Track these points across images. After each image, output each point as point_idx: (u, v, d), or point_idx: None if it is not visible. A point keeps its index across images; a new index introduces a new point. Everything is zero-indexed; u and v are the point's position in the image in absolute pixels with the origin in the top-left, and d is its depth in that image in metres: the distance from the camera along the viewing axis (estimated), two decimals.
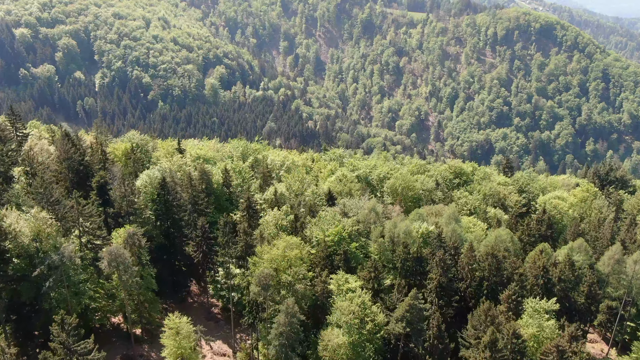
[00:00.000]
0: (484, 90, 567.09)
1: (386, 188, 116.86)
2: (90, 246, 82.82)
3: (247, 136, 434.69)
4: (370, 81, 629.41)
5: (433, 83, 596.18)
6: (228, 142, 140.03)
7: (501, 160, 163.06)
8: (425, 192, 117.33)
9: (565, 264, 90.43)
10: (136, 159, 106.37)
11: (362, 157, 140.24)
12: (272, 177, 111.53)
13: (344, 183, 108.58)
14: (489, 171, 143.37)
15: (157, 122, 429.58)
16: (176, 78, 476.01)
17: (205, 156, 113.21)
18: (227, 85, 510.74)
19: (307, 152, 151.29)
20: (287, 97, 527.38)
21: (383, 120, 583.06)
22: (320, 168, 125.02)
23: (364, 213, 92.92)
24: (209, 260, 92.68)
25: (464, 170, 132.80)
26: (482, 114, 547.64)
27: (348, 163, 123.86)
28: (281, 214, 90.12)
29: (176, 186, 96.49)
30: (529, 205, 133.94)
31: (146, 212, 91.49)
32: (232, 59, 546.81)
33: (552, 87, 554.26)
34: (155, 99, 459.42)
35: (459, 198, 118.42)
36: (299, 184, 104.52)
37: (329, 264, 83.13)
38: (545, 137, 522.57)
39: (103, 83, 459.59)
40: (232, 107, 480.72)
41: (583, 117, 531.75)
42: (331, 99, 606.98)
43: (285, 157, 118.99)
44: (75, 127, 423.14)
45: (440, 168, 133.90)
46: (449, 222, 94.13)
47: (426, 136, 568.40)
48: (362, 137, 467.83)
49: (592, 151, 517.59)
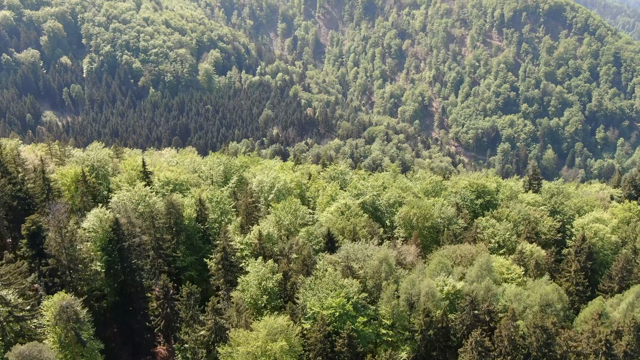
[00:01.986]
0: (490, 74, 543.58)
1: (398, 219, 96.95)
2: (12, 319, 62.79)
3: (242, 124, 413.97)
4: (371, 65, 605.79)
5: (437, 67, 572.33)
6: (210, 154, 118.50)
7: (531, 168, 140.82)
8: (444, 221, 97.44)
9: (630, 333, 70.56)
10: (89, 189, 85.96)
11: (367, 173, 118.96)
12: (258, 209, 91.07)
13: (346, 217, 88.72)
14: (515, 187, 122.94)
15: (147, 110, 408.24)
16: (168, 63, 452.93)
17: (177, 181, 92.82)
18: (222, 71, 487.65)
19: (304, 164, 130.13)
20: (285, 82, 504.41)
21: (385, 106, 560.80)
22: (318, 188, 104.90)
23: (374, 265, 73.20)
24: (174, 323, 72.95)
25: (487, 188, 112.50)
26: (488, 99, 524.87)
27: (351, 186, 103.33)
28: (266, 270, 70.35)
29: (135, 228, 76.34)
30: (563, 229, 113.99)
31: (93, 266, 71.53)
32: (227, 42, 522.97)
33: (562, 72, 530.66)
34: (146, 85, 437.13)
35: (485, 227, 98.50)
36: (292, 217, 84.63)
37: (327, 349, 63.22)
38: (554, 124, 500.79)
39: (91, 69, 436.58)
40: (227, 93, 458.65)
41: (593, 103, 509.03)
42: (331, 84, 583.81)
43: (275, 179, 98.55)
44: (61, 116, 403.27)
45: (459, 184, 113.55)
46: (480, 275, 74.38)
47: (429, 123, 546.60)
48: (364, 125, 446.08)
49: (603, 139, 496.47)
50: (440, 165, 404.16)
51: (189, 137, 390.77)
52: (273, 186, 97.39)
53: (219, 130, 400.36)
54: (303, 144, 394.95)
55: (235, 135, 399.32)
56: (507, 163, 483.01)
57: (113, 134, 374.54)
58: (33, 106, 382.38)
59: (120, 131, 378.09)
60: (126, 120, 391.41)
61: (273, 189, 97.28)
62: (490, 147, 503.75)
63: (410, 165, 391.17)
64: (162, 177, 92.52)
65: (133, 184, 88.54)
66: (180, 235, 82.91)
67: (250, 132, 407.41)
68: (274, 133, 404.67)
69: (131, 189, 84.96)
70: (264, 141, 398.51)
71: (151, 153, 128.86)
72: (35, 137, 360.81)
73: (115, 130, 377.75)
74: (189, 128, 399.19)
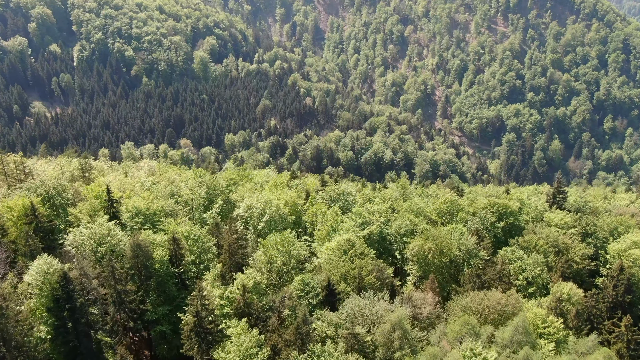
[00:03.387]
0: (495, 62, 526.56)
1: (410, 254, 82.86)
2: None
3: (239, 115, 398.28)
4: (372, 52, 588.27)
5: (440, 54, 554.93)
6: (192, 170, 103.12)
7: (556, 179, 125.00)
8: (464, 254, 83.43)
9: None
10: (39, 227, 71.51)
11: (372, 190, 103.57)
12: (244, 247, 76.24)
13: (350, 257, 74.62)
14: (539, 204, 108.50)
15: (140, 101, 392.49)
16: (162, 51, 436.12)
17: (149, 211, 78.40)
18: (219, 59, 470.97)
19: (302, 178, 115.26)
20: (284, 70, 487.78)
21: (386, 94, 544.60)
22: (317, 213, 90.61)
23: (385, 331, 59.40)
24: None
25: (509, 209, 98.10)
26: (493, 88, 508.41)
27: (355, 213, 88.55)
28: (251, 343, 56.35)
29: (90, 281, 62.18)
30: (596, 255, 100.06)
31: (36, 332, 57.48)
32: (223, 28, 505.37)
33: (569, 59, 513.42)
34: (139, 74, 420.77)
35: (512, 261, 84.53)
36: (284, 258, 70.64)
37: None
38: (561, 114, 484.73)
39: (81, 57, 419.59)
40: (224, 82, 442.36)
41: (601, 92, 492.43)
42: (331, 71, 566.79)
43: (266, 204, 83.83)
44: (50, 107, 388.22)
45: (477, 204, 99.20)
46: (516, 341, 60.50)
47: (432, 112, 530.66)
48: (365, 115, 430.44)
49: (611, 129, 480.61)
50: (444, 157, 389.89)
51: (184, 128, 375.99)
52: (264, 213, 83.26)
53: (214, 122, 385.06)
54: (302, 135, 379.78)
55: (232, 126, 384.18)
56: (512, 154, 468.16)
57: (104, 126, 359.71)
58: (20, 97, 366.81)
59: (112, 123, 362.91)
60: (118, 112, 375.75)
61: (264, 216, 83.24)
62: (495, 137, 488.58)
63: (413, 158, 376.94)
64: (131, 206, 78.18)
65: (96, 215, 74.52)
66: (149, 282, 68.98)
67: (247, 123, 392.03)
68: (271, 124, 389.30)
69: (91, 225, 70.72)
70: (262, 133, 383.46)
71: (128, 166, 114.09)
72: (23, 129, 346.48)
73: (106, 122, 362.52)
74: (184, 119, 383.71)
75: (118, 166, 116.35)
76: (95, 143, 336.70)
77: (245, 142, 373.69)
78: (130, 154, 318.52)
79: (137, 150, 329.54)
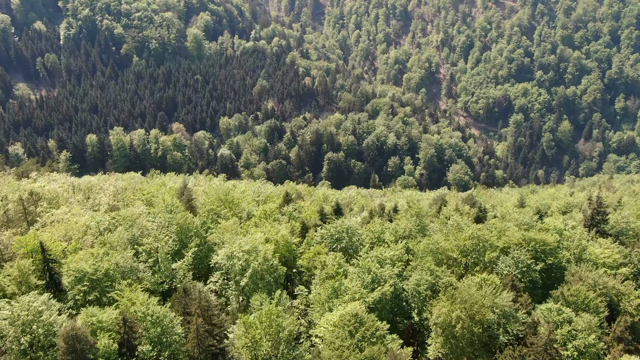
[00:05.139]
0: (502, 38, 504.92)
1: (434, 324, 66.11)
2: None
3: (235, 97, 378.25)
4: (374, 27, 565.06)
5: (445, 30, 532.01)
6: (163, 204, 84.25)
7: (595, 197, 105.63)
8: (499, 317, 66.67)
9: None
10: None
11: (381, 224, 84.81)
12: (218, 339, 58.51)
13: (357, 339, 57.73)
14: (578, 232, 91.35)
15: (130, 82, 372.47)
16: (153, 28, 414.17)
17: (97, 274, 60.93)
18: (213, 36, 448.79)
19: (297, 202, 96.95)
20: (282, 48, 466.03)
21: (389, 72, 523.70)
22: (313, 256, 73.49)
23: None
24: None
25: (548, 245, 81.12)
26: (500, 66, 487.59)
27: (363, 266, 70.84)
28: None
29: None
30: None
31: None
32: (218, 3, 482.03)
33: (580, 36, 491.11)
34: (129, 53, 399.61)
35: (558, 324, 67.95)
36: (272, 340, 53.96)
37: None
38: (571, 93, 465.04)
39: (68, 35, 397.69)
40: (218, 61, 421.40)
41: (613, 70, 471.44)
42: (331, 48, 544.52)
43: (250, 253, 66.11)
44: (36, 89, 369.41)
45: (509, 238, 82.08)
46: None
47: (437, 91, 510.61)
48: (367, 96, 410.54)
49: (622, 109, 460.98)
50: (449, 141, 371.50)
51: (176, 112, 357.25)
52: (247, 264, 66.05)
53: (209, 104, 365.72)
54: (301, 119, 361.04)
55: (227, 109, 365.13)
56: (519, 136, 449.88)
57: (92, 109, 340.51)
58: (3, 79, 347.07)
59: (100, 106, 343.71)
60: (107, 94, 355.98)
61: (248, 268, 66.09)
62: (501, 118, 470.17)
63: (417, 142, 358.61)
64: (74, 268, 60.81)
65: (25, 285, 57.64)
66: None
67: (244, 105, 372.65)
68: (269, 107, 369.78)
69: (14, 303, 53.56)
70: (258, 116, 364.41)
71: (90, 187, 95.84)
72: (6, 113, 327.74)
73: (94, 105, 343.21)
74: (176, 101, 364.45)
75: (79, 183, 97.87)
76: (82, 128, 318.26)
77: (241, 125, 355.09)
78: (119, 140, 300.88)
79: (126, 136, 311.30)
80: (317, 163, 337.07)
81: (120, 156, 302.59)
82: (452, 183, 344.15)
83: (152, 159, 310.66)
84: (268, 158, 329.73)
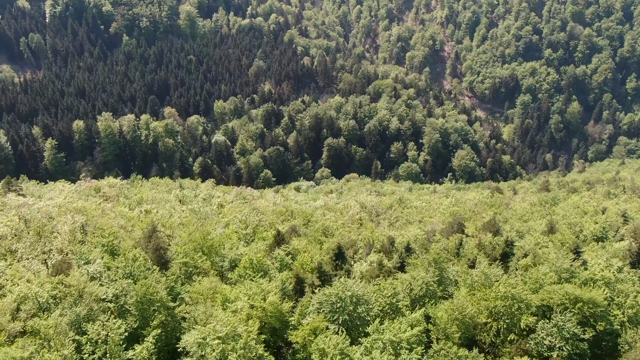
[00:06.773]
0: (510, 15, 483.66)
1: None
2: None
3: (230, 78, 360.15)
4: (376, 3, 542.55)
5: (450, 6, 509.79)
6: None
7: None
8: None
9: None
10: None
11: (389, 284, 67.90)
12: None
13: None
14: (633, 283, 76.22)
15: (120, 63, 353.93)
16: (144, 5, 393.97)
17: None
18: (207, 13, 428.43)
19: (288, 242, 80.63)
20: (279, 25, 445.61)
21: (391, 50, 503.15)
22: (309, 335, 57.59)
23: None
24: None
25: (598, 306, 65.76)
26: (508, 44, 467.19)
27: (369, 341, 54.97)
28: None
29: None
30: None
31: None
32: None
33: (591, 12, 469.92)
34: (119, 32, 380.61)
35: None
36: None
37: None
38: (580, 73, 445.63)
39: (54, 13, 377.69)
40: (213, 40, 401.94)
41: (625, 49, 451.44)
42: (331, 25, 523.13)
43: (225, 338, 49.87)
44: (20, 71, 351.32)
45: (552, 295, 66.63)
46: None
47: (441, 70, 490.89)
48: (368, 77, 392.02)
49: (634, 89, 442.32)
50: (455, 125, 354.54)
51: (168, 95, 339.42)
52: (225, 356, 50.13)
53: (202, 86, 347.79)
54: (299, 102, 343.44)
55: (222, 91, 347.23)
56: (527, 117, 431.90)
57: (79, 93, 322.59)
58: None
59: (88, 90, 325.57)
60: (95, 77, 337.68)
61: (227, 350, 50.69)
62: (508, 98, 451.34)
63: (421, 126, 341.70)
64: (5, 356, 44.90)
65: None
66: None
67: (239, 87, 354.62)
68: (265, 89, 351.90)
69: None
70: (255, 99, 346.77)
71: (42, 225, 78.75)
72: None
73: (81, 89, 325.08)
74: (168, 84, 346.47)
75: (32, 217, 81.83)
76: (69, 114, 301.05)
77: (237, 109, 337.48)
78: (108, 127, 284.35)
79: (116, 122, 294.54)
80: (316, 149, 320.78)
81: (109, 144, 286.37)
82: (457, 170, 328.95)
83: (143, 146, 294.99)
84: (265, 144, 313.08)
